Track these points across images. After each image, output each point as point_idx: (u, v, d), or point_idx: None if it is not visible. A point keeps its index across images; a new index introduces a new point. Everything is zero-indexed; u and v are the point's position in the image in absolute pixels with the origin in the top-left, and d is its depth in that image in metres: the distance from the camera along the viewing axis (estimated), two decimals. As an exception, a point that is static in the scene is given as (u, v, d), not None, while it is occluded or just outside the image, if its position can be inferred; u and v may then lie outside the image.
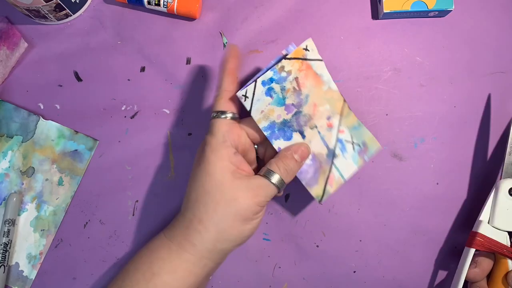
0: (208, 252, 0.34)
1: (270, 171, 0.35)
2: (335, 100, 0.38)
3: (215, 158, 0.34)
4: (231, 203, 0.33)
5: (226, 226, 0.33)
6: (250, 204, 0.33)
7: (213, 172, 0.34)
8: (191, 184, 0.35)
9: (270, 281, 0.43)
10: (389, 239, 0.43)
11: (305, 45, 0.37)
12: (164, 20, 0.46)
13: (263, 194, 0.34)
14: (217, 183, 0.34)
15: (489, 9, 0.46)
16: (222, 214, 0.33)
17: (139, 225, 0.43)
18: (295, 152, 0.36)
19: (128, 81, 0.45)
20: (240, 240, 0.35)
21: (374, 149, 0.38)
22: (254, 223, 0.35)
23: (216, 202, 0.33)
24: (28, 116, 0.44)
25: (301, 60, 0.37)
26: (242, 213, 0.33)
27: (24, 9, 0.43)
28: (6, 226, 0.42)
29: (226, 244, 0.34)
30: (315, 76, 0.37)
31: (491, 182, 0.44)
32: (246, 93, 0.36)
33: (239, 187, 0.34)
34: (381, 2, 0.44)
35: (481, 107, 0.45)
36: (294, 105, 0.37)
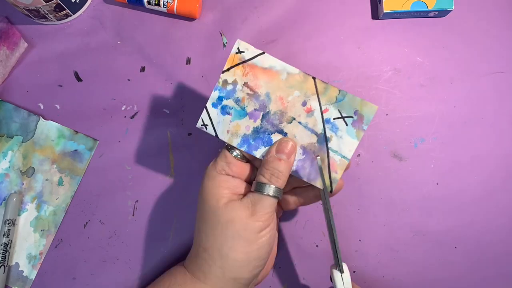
0: (219, 281, 0.33)
1: (260, 183, 0.33)
2: (302, 83, 0.34)
3: (211, 185, 0.34)
4: (227, 226, 0.32)
5: (228, 251, 0.32)
6: (247, 222, 0.32)
7: (209, 199, 0.33)
8: (197, 213, 0.35)
9: (270, 281, 0.43)
10: (389, 239, 0.43)
11: (236, 48, 0.34)
12: (164, 20, 0.46)
13: (260, 209, 0.32)
14: (212, 209, 0.33)
15: (489, 9, 0.46)
16: (221, 239, 0.32)
17: (139, 225, 0.43)
18: (277, 152, 0.33)
19: (128, 81, 0.45)
20: (250, 265, 0.33)
21: (370, 113, 0.34)
22: (261, 242, 0.32)
23: (214, 228, 0.33)
24: (28, 116, 0.44)
25: (241, 65, 0.34)
26: (242, 234, 0.32)
27: (24, 9, 0.43)
28: (6, 226, 0.42)
29: (234, 272, 0.32)
30: (265, 71, 0.34)
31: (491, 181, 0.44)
32: (203, 122, 0.35)
33: (233, 208, 0.32)
34: (381, 2, 0.44)
35: (481, 107, 0.45)
36: (257, 110, 0.34)
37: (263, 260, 0.33)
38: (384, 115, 0.45)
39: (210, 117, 0.35)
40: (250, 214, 0.32)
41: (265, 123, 0.35)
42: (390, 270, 0.43)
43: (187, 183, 0.44)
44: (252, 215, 0.32)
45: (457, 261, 0.43)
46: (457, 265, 0.43)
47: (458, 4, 0.45)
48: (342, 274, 0.34)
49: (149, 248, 0.43)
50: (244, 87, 0.34)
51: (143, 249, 0.43)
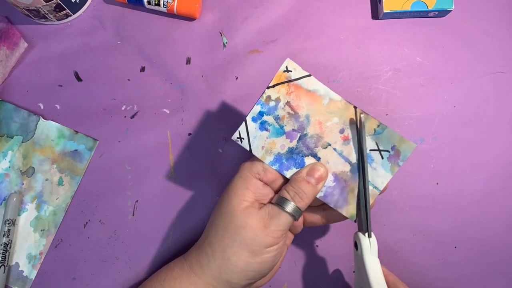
0: (214, 279, 0.33)
1: (282, 198, 0.32)
2: (342, 110, 0.34)
3: (240, 184, 0.33)
4: (239, 231, 0.32)
5: (231, 254, 0.32)
6: (259, 234, 0.31)
7: (232, 196, 0.33)
8: (216, 206, 0.35)
9: (270, 281, 0.43)
10: (389, 239, 0.43)
11: (285, 67, 0.34)
12: (164, 20, 0.46)
13: (275, 224, 0.32)
14: (232, 208, 0.33)
15: (489, 9, 0.46)
16: (229, 241, 0.32)
17: (139, 225, 0.43)
18: (307, 174, 0.33)
19: (128, 81, 0.45)
20: (248, 274, 0.32)
21: (408, 150, 0.34)
22: (265, 258, 0.32)
23: (226, 228, 0.33)
24: (28, 116, 0.44)
25: (286, 83, 0.34)
26: (249, 243, 0.31)
27: (24, 9, 0.43)
28: (6, 226, 0.42)
29: (231, 275, 0.32)
30: (308, 94, 0.34)
31: (491, 181, 0.44)
32: (240, 135, 0.34)
33: (250, 215, 0.32)
34: (381, 2, 0.44)
35: (481, 107, 0.45)
36: (295, 130, 0.34)
37: (262, 274, 0.33)
38: (384, 115, 0.45)
39: (247, 131, 0.34)
40: (264, 227, 0.32)
41: (301, 145, 0.34)
42: (390, 270, 0.43)
43: (187, 183, 0.44)
44: (265, 228, 0.32)
45: (457, 261, 0.43)
46: (457, 265, 0.43)
47: (458, 4, 0.45)
48: (370, 239, 0.33)
49: (149, 248, 0.43)
50: (286, 106, 0.34)
51: (143, 249, 0.43)
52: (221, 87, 0.45)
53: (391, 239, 0.43)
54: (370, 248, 0.33)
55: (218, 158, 0.44)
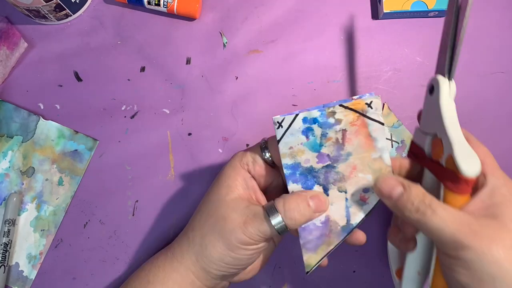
0: (192, 265, 0.33)
1: (273, 208, 0.31)
2: (381, 174, 0.32)
3: (229, 173, 0.33)
4: (219, 221, 0.31)
5: (208, 242, 0.32)
6: (236, 229, 0.30)
7: (221, 186, 0.33)
8: (206, 193, 0.35)
9: (270, 281, 0.43)
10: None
11: (369, 101, 0.31)
12: (164, 20, 0.46)
13: (255, 227, 0.30)
14: (219, 197, 0.33)
15: (489, 9, 0.46)
16: (208, 229, 0.32)
17: (139, 225, 0.43)
18: (311, 198, 0.31)
19: (128, 81, 0.45)
20: (222, 266, 0.32)
21: None
22: (240, 255, 0.31)
23: (209, 215, 0.33)
24: (28, 116, 0.44)
25: (358, 114, 0.31)
26: (227, 236, 0.31)
27: (24, 9, 0.43)
28: (6, 226, 0.42)
29: (206, 263, 0.32)
30: (367, 138, 0.32)
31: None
32: (282, 121, 0.32)
33: (235, 208, 0.31)
34: (381, 2, 0.44)
35: (481, 107, 0.45)
36: (329, 157, 0.32)
37: (237, 269, 0.33)
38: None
39: (291, 125, 0.32)
40: (243, 223, 0.31)
41: (322, 172, 0.32)
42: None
43: (187, 183, 0.44)
44: (244, 226, 0.31)
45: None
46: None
47: (458, 4, 0.45)
48: (451, 82, 0.30)
49: (149, 248, 0.43)
50: (340, 132, 0.32)
51: (143, 249, 0.43)
52: (221, 87, 0.45)
53: (391, 239, 0.43)
54: (450, 91, 0.30)
55: (218, 158, 0.44)
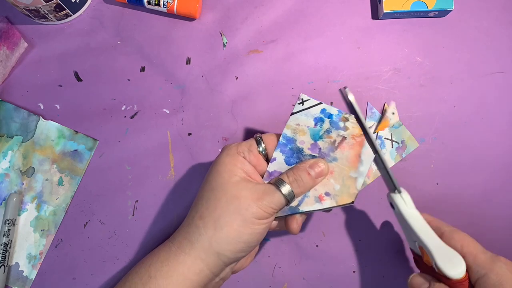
0: (203, 252, 0.33)
1: (280, 180, 0.34)
2: (346, 191, 0.35)
3: (228, 160, 0.34)
4: (232, 201, 0.33)
5: (224, 223, 0.33)
6: (251, 205, 0.32)
7: (222, 171, 0.34)
8: (202, 184, 0.36)
9: (270, 281, 0.43)
10: (389, 239, 0.43)
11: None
12: (164, 20, 0.46)
13: (268, 200, 0.33)
14: (223, 181, 0.34)
15: (489, 9, 0.46)
16: (221, 211, 0.33)
17: (139, 225, 0.43)
18: (309, 167, 0.34)
19: (128, 81, 0.45)
20: (238, 246, 0.33)
21: (412, 146, 0.42)
22: (256, 229, 0.33)
23: (218, 199, 0.33)
24: (28, 116, 0.44)
25: (363, 134, 0.34)
26: (243, 213, 0.32)
27: (24, 9, 0.43)
28: (6, 226, 0.42)
29: (222, 246, 0.33)
30: (356, 156, 0.35)
31: (492, 181, 0.44)
32: (305, 101, 0.35)
33: (244, 187, 0.33)
34: (381, 2, 0.44)
35: (481, 107, 0.45)
36: (320, 150, 0.35)
37: (249, 247, 0.34)
38: (384, 115, 0.45)
39: (311, 107, 0.35)
40: (257, 199, 0.33)
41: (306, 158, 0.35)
42: (390, 270, 0.43)
43: (187, 183, 0.44)
44: (258, 201, 0.33)
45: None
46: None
47: (458, 4, 0.45)
48: (402, 194, 0.34)
49: (149, 248, 0.43)
50: (339, 137, 0.35)
51: (143, 249, 0.43)
52: (221, 87, 0.45)
53: (391, 239, 0.43)
54: (405, 203, 0.33)
55: (218, 158, 0.44)
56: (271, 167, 0.35)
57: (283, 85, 0.45)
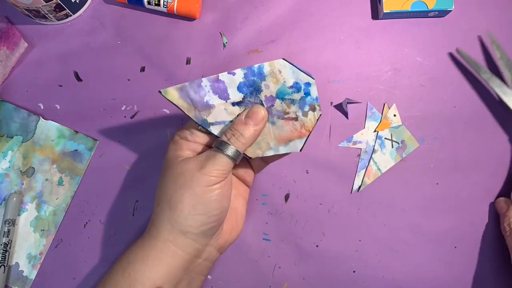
0: (169, 234, 0.33)
1: (220, 141, 0.34)
2: (255, 148, 0.35)
3: (173, 148, 0.35)
4: (177, 178, 0.33)
5: (176, 203, 0.33)
6: (195, 175, 0.33)
7: (168, 158, 0.35)
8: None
9: (270, 281, 0.43)
10: (389, 239, 0.43)
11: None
12: (164, 20, 0.46)
13: (211, 164, 0.33)
14: (169, 165, 0.35)
15: (489, 9, 0.46)
16: (171, 191, 0.33)
17: (139, 225, 0.43)
18: (245, 117, 0.34)
19: (128, 81, 0.45)
20: (197, 219, 0.33)
21: (412, 147, 0.43)
22: (208, 197, 0.33)
23: (166, 182, 0.34)
24: (28, 116, 0.44)
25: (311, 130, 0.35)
26: (189, 185, 0.33)
27: (24, 9, 0.43)
28: (6, 226, 0.42)
29: (181, 223, 0.33)
30: (287, 138, 0.35)
31: (491, 180, 0.44)
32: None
33: (187, 163, 0.34)
34: (381, 2, 0.44)
35: (481, 107, 0.45)
36: (270, 107, 0.35)
37: (211, 218, 0.33)
38: (384, 115, 0.45)
39: (300, 70, 0.34)
40: (200, 168, 0.33)
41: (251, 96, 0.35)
42: (390, 270, 0.43)
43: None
44: (202, 168, 0.33)
45: (457, 261, 0.43)
46: (456, 265, 0.43)
47: (458, 4, 0.45)
48: None
49: (149, 248, 0.43)
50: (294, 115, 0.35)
51: (143, 249, 0.43)
52: (221, 87, 0.45)
53: (391, 239, 0.43)
54: None
55: (218, 158, 0.44)
56: (223, 77, 0.34)
57: (283, 85, 0.45)
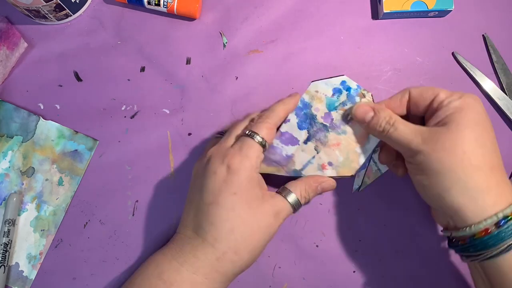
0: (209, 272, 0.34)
1: (290, 191, 0.36)
2: (348, 165, 0.37)
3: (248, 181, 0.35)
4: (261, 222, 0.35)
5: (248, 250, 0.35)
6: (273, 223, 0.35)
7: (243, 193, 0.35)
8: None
9: (270, 281, 0.43)
10: (389, 239, 0.43)
11: None
12: (164, 20, 0.46)
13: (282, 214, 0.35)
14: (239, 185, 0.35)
15: (489, 9, 0.46)
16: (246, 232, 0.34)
17: (139, 225, 0.43)
18: (321, 188, 0.37)
19: (128, 81, 0.45)
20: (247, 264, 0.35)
21: None
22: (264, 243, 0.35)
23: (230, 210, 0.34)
24: (28, 116, 0.44)
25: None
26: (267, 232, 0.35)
27: (24, 9, 0.43)
28: (6, 226, 0.42)
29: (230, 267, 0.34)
30: (365, 133, 0.37)
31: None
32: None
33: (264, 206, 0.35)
34: (381, 2, 0.44)
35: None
36: (331, 121, 0.37)
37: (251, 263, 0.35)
38: (384, 115, 0.45)
39: (332, 77, 0.38)
40: (275, 215, 0.35)
41: (318, 127, 0.38)
42: (390, 270, 0.43)
43: (187, 183, 0.44)
44: (277, 216, 0.35)
45: (458, 260, 0.43)
46: (457, 264, 0.43)
47: (458, 4, 0.45)
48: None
49: (149, 248, 0.43)
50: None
51: (143, 249, 0.43)
52: (221, 87, 0.45)
53: (391, 239, 0.43)
54: None
55: (218, 158, 0.44)
56: (283, 128, 0.38)
57: (283, 85, 0.45)
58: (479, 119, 0.31)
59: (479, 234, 0.30)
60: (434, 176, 0.31)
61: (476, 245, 0.30)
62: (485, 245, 0.30)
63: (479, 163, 0.30)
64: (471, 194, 0.30)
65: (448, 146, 0.30)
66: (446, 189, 0.31)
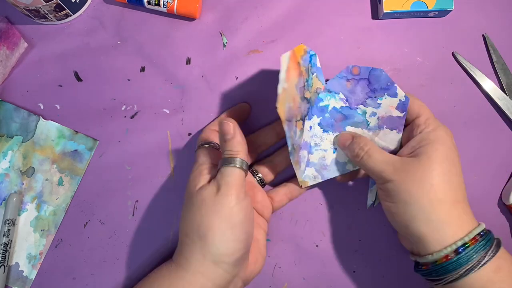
0: (201, 265, 0.33)
1: (224, 158, 0.35)
2: None
3: (193, 175, 0.36)
4: (201, 206, 0.33)
5: (205, 230, 0.33)
6: (216, 199, 0.33)
7: (189, 186, 0.36)
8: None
9: (270, 281, 0.43)
10: (389, 239, 0.43)
11: None
12: (164, 20, 0.46)
13: (224, 183, 0.33)
14: (189, 195, 0.35)
15: (489, 9, 0.46)
16: (197, 218, 0.33)
17: (139, 225, 0.43)
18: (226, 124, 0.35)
19: (128, 81, 0.45)
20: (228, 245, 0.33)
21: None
22: (234, 220, 0.33)
23: (190, 211, 0.34)
24: (28, 116, 0.44)
25: None
26: (214, 210, 0.33)
27: (24, 9, 0.43)
28: (6, 226, 0.42)
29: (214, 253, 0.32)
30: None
31: (491, 181, 0.44)
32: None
33: (204, 189, 0.34)
34: (381, 2, 0.44)
35: (481, 107, 0.45)
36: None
37: (240, 243, 0.33)
38: (384, 115, 0.44)
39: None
40: (217, 190, 0.33)
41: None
42: (390, 270, 0.43)
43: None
44: (219, 191, 0.33)
45: (457, 261, 0.43)
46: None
47: (458, 4, 0.45)
48: None
49: (149, 248, 0.43)
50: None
51: (143, 249, 0.43)
52: (221, 87, 0.45)
53: (391, 239, 0.43)
54: None
55: (218, 158, 0.44)
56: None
57: (283, 85, 0.45)
58: (449, 154, 0.34)
59: (440, 260, 0.33)
60: (402, 204, 0.34)
61: (438, 270, 0.33)
62: (445, 270, 0.32)
63: (444, 197, 0.33)
64: (434, 225, 0.33)
65: (418, 178, 0.33)
66: (411, 218, 0.33)
